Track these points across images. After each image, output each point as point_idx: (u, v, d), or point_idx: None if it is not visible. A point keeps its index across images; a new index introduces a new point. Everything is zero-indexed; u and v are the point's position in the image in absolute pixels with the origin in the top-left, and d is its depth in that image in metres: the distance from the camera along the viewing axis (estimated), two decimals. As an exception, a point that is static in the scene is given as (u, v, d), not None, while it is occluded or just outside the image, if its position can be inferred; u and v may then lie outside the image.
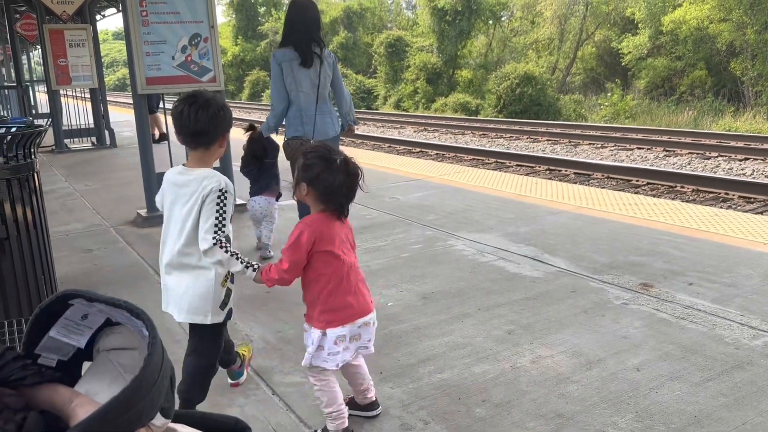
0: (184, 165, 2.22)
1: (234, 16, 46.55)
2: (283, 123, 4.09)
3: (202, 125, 2.10)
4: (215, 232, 2.05)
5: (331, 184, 2.05)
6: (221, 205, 2.09)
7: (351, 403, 2.34)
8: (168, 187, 2.20)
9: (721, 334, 2.88)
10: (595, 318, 3.12)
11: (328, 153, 2.09)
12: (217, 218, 2.07)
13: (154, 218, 5.43)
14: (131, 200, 6.27)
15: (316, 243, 2.07)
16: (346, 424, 2.21)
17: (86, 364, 1.08)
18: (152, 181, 5.53)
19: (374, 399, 2.37)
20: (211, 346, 2.25)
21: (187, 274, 2.16)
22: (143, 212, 5.52)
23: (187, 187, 2.12)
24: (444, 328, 3.09)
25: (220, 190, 2.08)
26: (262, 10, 46.17)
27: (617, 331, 2.96)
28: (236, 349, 2.57)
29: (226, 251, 2.06)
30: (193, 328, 2.25)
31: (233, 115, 2.33)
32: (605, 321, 3.08)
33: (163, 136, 9.85)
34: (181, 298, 2.17)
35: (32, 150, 2.62)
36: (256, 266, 2.15)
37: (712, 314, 3.10)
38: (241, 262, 2.11)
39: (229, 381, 2.60)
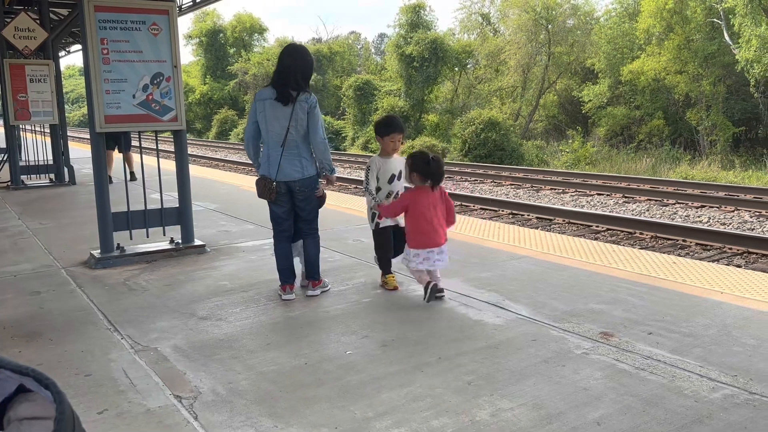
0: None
1: (203, 55, 46.70)
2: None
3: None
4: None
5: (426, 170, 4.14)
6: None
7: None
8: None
9: (680, 386, 2.86)
10: (556, 368, 3.08)
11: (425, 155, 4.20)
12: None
13: (107, 259, 5.26)
14: (86, 240, 6.08)
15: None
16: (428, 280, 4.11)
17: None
18: (107, 220, 5.37)
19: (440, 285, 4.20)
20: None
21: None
22: (96, 253, 5.33)
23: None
24: (403, 378, 3.00)
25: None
26: (231, 50, 46.44)
27: (578, 383, 2.91)
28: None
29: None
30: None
31: (200, 154, 2.32)
32: (566, 371, 3.04)
33: (133, 176, 9.58)
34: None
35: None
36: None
37: (672, 365, 3.09)
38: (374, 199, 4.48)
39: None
